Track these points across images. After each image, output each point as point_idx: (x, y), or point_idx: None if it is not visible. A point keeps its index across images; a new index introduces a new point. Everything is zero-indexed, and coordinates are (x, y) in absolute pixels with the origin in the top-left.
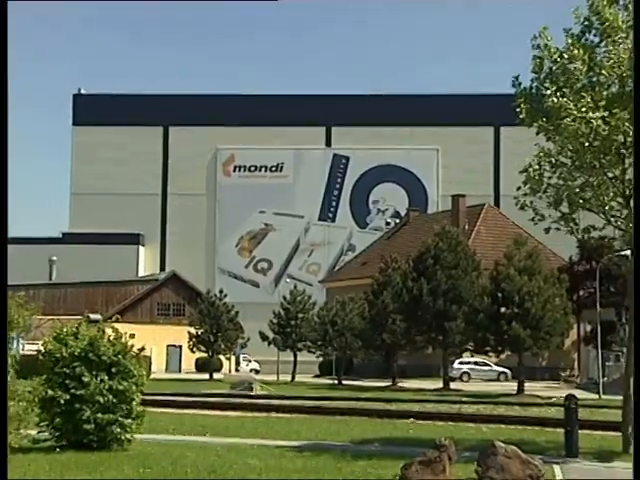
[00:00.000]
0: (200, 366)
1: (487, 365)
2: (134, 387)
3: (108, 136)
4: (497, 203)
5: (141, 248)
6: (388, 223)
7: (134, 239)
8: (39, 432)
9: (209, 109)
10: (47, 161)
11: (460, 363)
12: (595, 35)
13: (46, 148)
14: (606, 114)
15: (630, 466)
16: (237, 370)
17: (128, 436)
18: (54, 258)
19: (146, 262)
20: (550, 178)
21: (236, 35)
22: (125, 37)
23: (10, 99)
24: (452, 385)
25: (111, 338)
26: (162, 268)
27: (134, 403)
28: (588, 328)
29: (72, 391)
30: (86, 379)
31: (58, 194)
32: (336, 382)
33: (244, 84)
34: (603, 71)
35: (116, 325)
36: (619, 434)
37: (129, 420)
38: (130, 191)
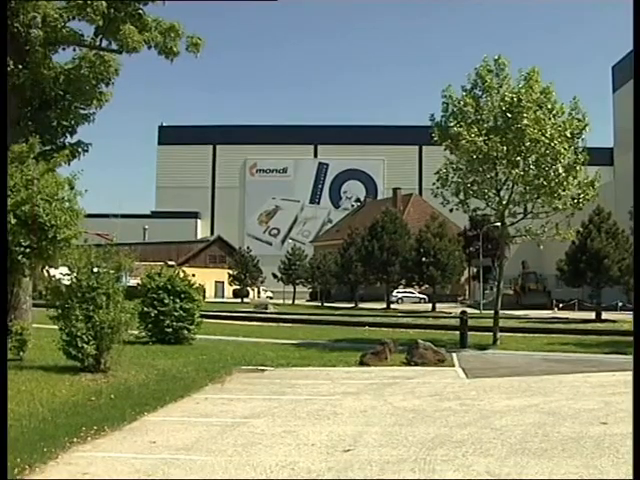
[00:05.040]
0: (236, 294)
1: (413, 293)
2: (195, 306)
3: (179, 151)
4: (420, 193)
5: (198, 221)
6: (353, 205)
7: (194, 215)
8: (139, 332)
9: (241, 134)
10: (142, 167)
11: (397, 292)
12: (479, 90)
13: (142, 158)
14: (486, 138)
15: (496, 352)
16: (258, 296)
17: (192, 336)
18: (146, 227)
19: (202, 229)
20: (453, 177)
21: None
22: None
23: (119, 129)
24: (392, 306)
25: (181, 276)
26: (212, 233)
27: (195, 316)
28: (474, 270)
29: (158, 308)
30: (166, 301)
31: (149, 187)
32: (320, 304)
33: (262, 118)
34: (484, 113)
35: (184, 268)
36: (491, 333)
37: (192, 326)
38: (192, 185)
